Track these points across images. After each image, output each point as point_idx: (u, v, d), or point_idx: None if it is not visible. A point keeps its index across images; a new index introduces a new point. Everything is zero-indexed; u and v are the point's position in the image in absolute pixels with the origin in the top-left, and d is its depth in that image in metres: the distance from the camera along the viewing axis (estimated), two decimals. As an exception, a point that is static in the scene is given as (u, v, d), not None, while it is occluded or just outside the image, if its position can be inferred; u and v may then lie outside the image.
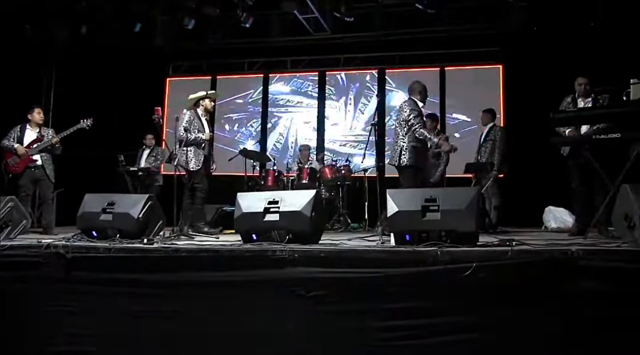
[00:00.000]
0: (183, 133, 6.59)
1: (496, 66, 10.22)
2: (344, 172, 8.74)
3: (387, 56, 10.83)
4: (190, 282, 4.05)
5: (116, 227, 4.80)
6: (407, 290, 3.65)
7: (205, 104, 7.02)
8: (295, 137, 11.12)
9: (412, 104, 6.28)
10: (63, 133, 6.91)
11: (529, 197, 8.27)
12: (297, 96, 11.36)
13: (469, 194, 4.14)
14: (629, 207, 3.90)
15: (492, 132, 7.68)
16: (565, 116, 5.42)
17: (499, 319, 3.49)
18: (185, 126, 6.67)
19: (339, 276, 3.80)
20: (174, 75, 11.84)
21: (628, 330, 3.27)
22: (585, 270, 3.43)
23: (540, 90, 8.23)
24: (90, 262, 4.25)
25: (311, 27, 10.12)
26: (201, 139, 6.72)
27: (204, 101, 7.00)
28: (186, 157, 6.61)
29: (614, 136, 5.11)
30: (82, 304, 4.18)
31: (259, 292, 3.91)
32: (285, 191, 7.66)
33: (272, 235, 4.42)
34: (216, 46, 10.93)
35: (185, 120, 6.72)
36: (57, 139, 6.82)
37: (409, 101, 6.36)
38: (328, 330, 3.75)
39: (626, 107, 4.97)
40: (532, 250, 3.73)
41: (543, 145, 5.88)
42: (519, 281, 3.52)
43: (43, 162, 6.79)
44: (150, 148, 9.24)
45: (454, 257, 3.62)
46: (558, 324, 3.41)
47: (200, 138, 6.71)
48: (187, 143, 6.61)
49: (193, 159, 6.67)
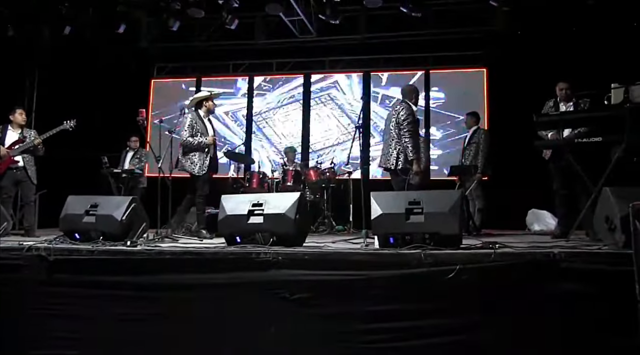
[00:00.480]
0: (186, 138, 6.52)
1: (480, 70, 10.28)
2: (329, 175, 8.74)
3: (372, 59, 10.85)
4: (174, 285, 4.04)
5: (99, 229, 4.78)
6: (390, 292, 3.66)
7: (209, 105, 6.84)
8: (280, 140, 11.10)
9: (408, 109, 6.23)
10: (45, 134, 6.84)
11: (513, 200, 8.32)
12: (282, 98, 11.34)
13: (453, 196, 4.16)
14: (609, 210, 3.95)
15: (476, 135, 7.73)
16: (548, 120, 5.47)
17: (483, 321, 3.52)
18: (189, 131, 6.55)
19: (323, 279, 3.80)
20: (158, 76, 11.78)
21: (609, 331, 3.30)
22: (567, 272, 3.46)
23: (524, 93, 8.28)
24: (72, 264, 4.22)
25: (296, 30, 10.12)
26: (204, 144, 6.58)
27: (207, 102, 6.82)
28: (191, 162, 6.55)
29: (596, 140, 5.18)
30: (64, 307, 4.15)
31: (243, 294, 3.91)
32: (270, 193, 7.65)
33: (256, 238, 4.41)
34: (201, 48, 10.91)
35: (187, 124, 6.58)
36: (40, 140, 6.76)
37: (404, 104, 6.30)
38: (312, 332, 3.75)
39: (607, 111, 5.03)
40: (514, 252, 3.75)
41: (526, 149, 5.93)
42: (502, 283, 3.54)
43: (25, 164, 6.72)
44: (134, 150, 9.18)
45: (438, 260, 3.64)
46: (541, 325, 3.44)
47: (203, 143, 6.57)
48: (191, 149, 6.54)
49: (198, 163, 6.55)
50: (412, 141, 6.11)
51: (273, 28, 10.49)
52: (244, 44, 10.71)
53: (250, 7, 9.59)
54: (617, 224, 3.77)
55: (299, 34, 10.17)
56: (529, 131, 5.82)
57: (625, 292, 2.95)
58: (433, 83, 10.51)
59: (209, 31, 10.65)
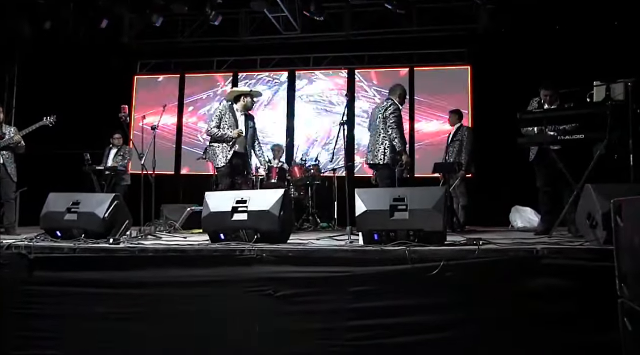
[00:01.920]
0: (211, 128, 6.56)
1: (464, 67, 10.32)
2: (313, 172, 8.72)
3: (356, 56, 10.84)
4: (157, 282, 4.01)
5: (81, 226, 4.73)
6: (375, 289, 3.67)
7: (247, 101, 6.85)
8: (264, 137, 11.05)
9: (394, 105, 6.35)
10: (25, 130, 6.69)
11: (496, 197, 8.39)
12: (266, 94, 11.30)
13: (437, 193, 4.17)
14: (591, 206, 3.98)
15: (460, 133, 7.75)
16: (532, 117, 5.50)
17: (467, 317, 3.53)
18: (216, 121, 6.59)
19: (307, 276, 3.80)
20: (141, 73, 11.67)
21: (590, 327, 3.33)
22: (550, 268, 3.49)
23: (508, 91, 8.33)
24: (54, 262, 4.17)
25: (281, 26, 10.09)
26: (228, 137, 6.56)
27: (246, 98, 6.85)
28: (213, 152, 6.56)
29: (578, 137, 5.23)
30: (46, 306, 4.11)
31: (227, 291, 3.89)
32: (254, 190, 7.61)
33: (240, 235, 4.40)
34: (185, 44, 10.84)
35: (216, 114, 6.66)
36: (19, 137, 6.64)
37: (390, 101, 6.41)
38: (296, 329, 3.74)
39: (590, 108, 5.07)
40: (498, 249, 3.78)
41: (510, 146, 5.95)
42: (485, 279, 3.56)
43: (4, 161, 6.60)
44: (117, 147, 9.07)
45: (422, 256, 3.66)
46: (524, 321, 3.46)
47: (227, 135, 6.55)
48: (214, 139, 6.57)
49: (219, 154, 6.56)
50: (399, 133, 6.23)
51: (257, 24, 10.45)
52: (228, 40, 10.67)
53: (235, 4, 9.58)
54: (599, 221, 3.81)
55: (284, 30, 10.14)
56: (513, 128, 5.85)
57: (606, 288, 2.97)
58: (417, 80, 10.52)
59: (192, 27, 10.58)
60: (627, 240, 2.56)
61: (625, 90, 4.84)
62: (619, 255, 2.65)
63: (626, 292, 2.57)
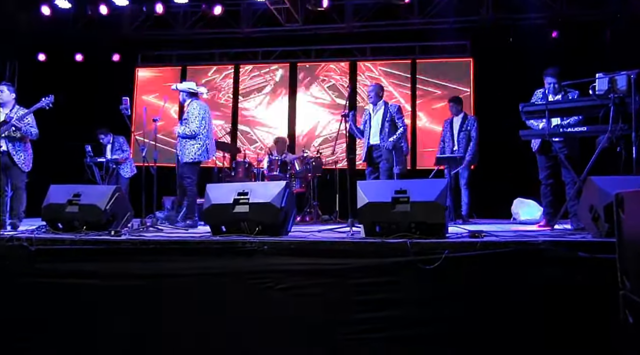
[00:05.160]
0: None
1: (467, 59, 10.29)
2: (315, 164, 8.71)
3: (358, 48, 10.81)
4: (159, 274, 4.00)
5: (83, 218, 4.72)
6: (375, 281, 3.66)
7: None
8: (266, 129, 11.05)
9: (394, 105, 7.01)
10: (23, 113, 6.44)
11: (499, 189, 8.36)
12: (268, 87, 11.27)
13: (439, 185, 4.15)
14: (594, 199, 3.97)
15: (467, 123, 7.63)
16: (534, 109, 5.47)
17: (468, 310, 3.53)
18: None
19: (309, 268, 3.79)
20: (142, 65, 11.65)
21: (593, 319, 3.32)
22: (552, 261, 3.48)
23: (510, 83, 8.32)
24: (55, 254, 4.16)
25: (282, 18, 10.05)
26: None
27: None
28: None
29: (581, 130, 5.21)
30: (47, 297, 4.10)
31: (228, 284, 3.88)
32: (256, 182, 7.62)
33: (242, 227, 4.38)
34: (186, 36, 10.80)
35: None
36: (30, 119, 6.35)
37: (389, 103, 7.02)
38: (297, 322, 3.74)
39: (593, 101, 5.05)
40: (500, 241, 3.77)
41: (513, 138, 5.93)
42: (487, 272, 3.55)
43: (10, 149, 6.38)
44: (110, 143, 8.90)
45: (424, 249, 3.64)
46: (525, 314, 3.46)
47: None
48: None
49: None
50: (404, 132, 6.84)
51: (259, 16, 10.41)
52: (229, 32, 10.63)
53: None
54: (601, 213, 3.80)
55: (285, 22, 10.10)
56: (515, 121, 5.83)
57: (609, 281, 2.96)
58: (419, 72, 10.49)
59: (194, 19, 10.55)
60: (629, 233, 2.55)
61: (628, 82, 4.81)
62: (621, 247, 2.64)
63: (628, 284, 2.56)
